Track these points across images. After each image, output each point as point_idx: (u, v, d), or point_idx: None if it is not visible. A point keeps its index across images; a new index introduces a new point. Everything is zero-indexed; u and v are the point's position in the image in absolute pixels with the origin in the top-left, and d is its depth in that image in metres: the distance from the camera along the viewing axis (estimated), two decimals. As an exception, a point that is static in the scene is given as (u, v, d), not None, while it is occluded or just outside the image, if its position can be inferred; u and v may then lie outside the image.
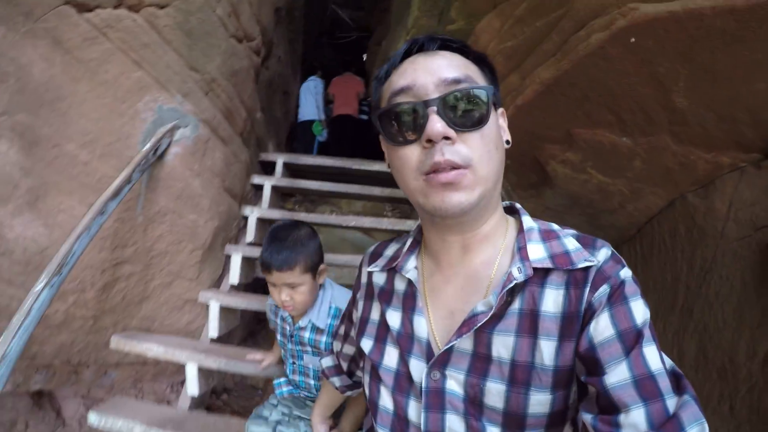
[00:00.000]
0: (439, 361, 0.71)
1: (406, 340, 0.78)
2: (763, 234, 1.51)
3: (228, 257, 2.57)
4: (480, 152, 0.66)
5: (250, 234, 2.74)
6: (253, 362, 1.96)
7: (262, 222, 2.85)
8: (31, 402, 2.60)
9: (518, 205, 0.82)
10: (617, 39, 1.55)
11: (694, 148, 1.74)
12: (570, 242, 0.70)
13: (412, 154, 0.67)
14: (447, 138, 0.64)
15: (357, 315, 0.94)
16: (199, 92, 2.28)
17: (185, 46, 2.18)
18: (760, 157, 1.65)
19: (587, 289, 0.64)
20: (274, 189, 3.07)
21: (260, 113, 3.14)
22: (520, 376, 0.65)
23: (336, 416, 1.38)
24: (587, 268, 0.65)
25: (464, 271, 0.76)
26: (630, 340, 0.58)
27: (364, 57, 7.15)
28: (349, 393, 1.19)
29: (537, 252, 0.69)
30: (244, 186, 2.92)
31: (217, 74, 2.41)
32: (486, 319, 0.67)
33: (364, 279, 0.95)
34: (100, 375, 2.47)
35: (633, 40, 1.53)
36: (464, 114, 0.66)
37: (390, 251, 0.91)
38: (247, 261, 2.59)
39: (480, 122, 0.66)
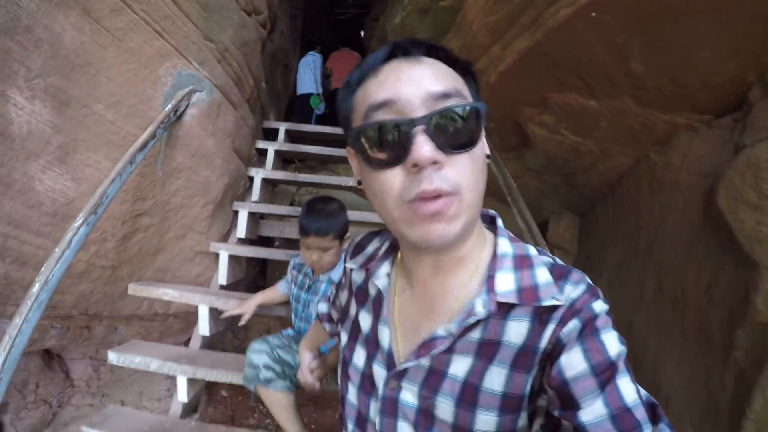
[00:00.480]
0: (397, 375, 0.73)
1: (372, 345, 0.80)
2: (707, 180, 1.83)
3: (236, 213, 2.90)
4: (469, 177, 0.62)
5: (255, 193, 3.07)
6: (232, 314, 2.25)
7: (266, 182, 3.18)
8: (41, 363, 2.83)
9: (499, 221, 0.79)
10: (581, 14, 1.87)
11: (653, 110, 2.08)
12: (541, 274, 0.68)
13: (394, 178, 0.62)
14: (435, 162, 0.60)
15: (340, 301, 0.99)
16: (214, 60, 2.58)
17: (201, 18, 2.47)
18: (711, 117, 1.97)
19: (553, 325, 0.63)
20: (277, 153, 3.41)
21: (264, 83, 3.43)
22: (468, 397, 0.67)
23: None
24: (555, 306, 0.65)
25: (434, 290, 0.74)
26: (604, 374, 0.58)
27: (362, 33, 7.48)
28: (335, 339, 1.27)
29: (505, 283, 0.67)
30: (250, 149, 3.24)
31: (230, 44, 2.71)
32: (444, 347, 0.68)
33: (347, 271, 0.96)
34: (111, 332, 2.73)
35: (594, 14, 1.85)
36: (454, 135, 0.61)
37: (371, 248, 0.91)
38: (252, 217, 2.92)
39: (471, 144, 0.62)
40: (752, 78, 1.77)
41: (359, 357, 0.82)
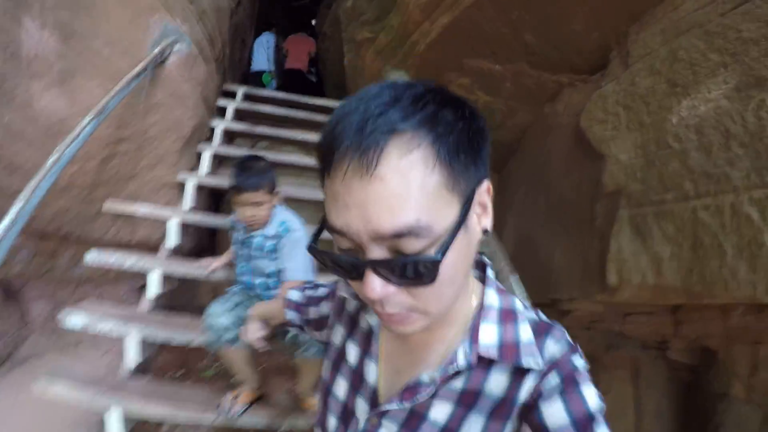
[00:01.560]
0: (379, 413, 0.78)
1: (357, 379, 0.85)
2: (577, 118, 2.57)
3: (200, 154, 3.56)
4: (429, 299, 0.63)
5: (216, 140, 3.75)
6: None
7: (226, 133, 3.88)
8: (0, 299, 3.14)
9: (489, 270, 0.82)
10: (484, -5, 2.74)
11: (543, 72, 2.92)
12: (524, 331, 0.72)
13: (356, 285, 0.65)
14: (391, 294, 0.62)
15: (321, 316, 1.05)
16: (193, 19, 3.27)
17: (186, -19, 3.21)
18: (586, 76, 2.79)
19: (533, 381, 0.68)
20: (236, 111, 4.16)
21: (228, 49, 4.18)
22: None
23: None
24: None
25: (417, 339, 0.79)
26: (584, 427, 0.63)
27: (313, 22, 8.41)
28: (293, 330, 1.43)
29: (488, 336, 0.71)
30: (214, 102, 3.93)
31: (207, 7, 3.42)
32: (427, 396, 0.73)
33: (339, 295, 0.99)
34: (72, 265, 3.17)
35: (494, -4, 2.72)
36: (407, 276, 0.59)
37: None
38: (214, 158, 3.60)
39: (425, 284, 0.60)
40: (612, 44, 2.54)
41: (340, 388, 0.88)
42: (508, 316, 0.75)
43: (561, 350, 0.70)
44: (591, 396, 0.66)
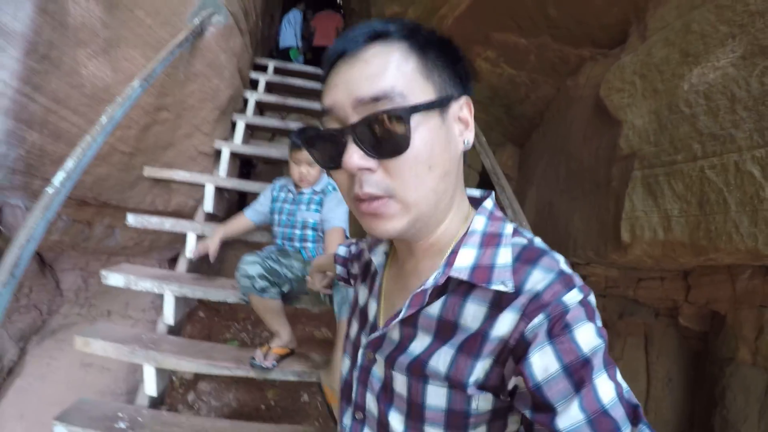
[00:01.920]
0: (372, 345, 0.83)
1: (363, 318, 0.92)
2: (597, 89, 2.73)
3: (234, 124, 3.83)
4: (403, 179, 0.67)
5: (250, 111, 4.03)
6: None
7: (258, 105, 4.15)
8: (36, 268, 3.35)
9: (487, 202, 0.83)
10: (512, -29, 2.94)
11: (565, 45, 3.10)
12: (504, 254, 0.71)
13: (341, 178, 0.71)
14: (366, 168, 0.67)
15: (353, 272, 1.16)
16: None
17: (222, -45, 3.44)
18: (606, 50, 2.96)
19: (514, 316, 0.66)
20: (267, 84, 4.43)
21: (261, 23, 4.43)
22: (416, 371, 0.74)
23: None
24: (516, 293, 0.67)
25: (408, 270, 0.84)
26: (578, 374, 0.60)
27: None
28: (340, 282, 1.49)
29: (464, 260, 0.73)
30: (247, 75, 4.17)
31: None
32: (399, 318, 0.76)
33: (360, 247, 1.11)
34: (108, 234, 3.35)
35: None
36: (382, 141, 0.66)
37: None
38: (248, 128, 3.87)
39: (399, 150, 0.66)
40: (632, 18, 2.71)
41: (353, 329, 0.94)
42: (491, 239, 0.76)
43: (548, 283, 0.66)
44: (585, 337, 0.62)
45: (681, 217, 2.08)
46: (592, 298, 0.67)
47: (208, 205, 3.32)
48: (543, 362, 0.62)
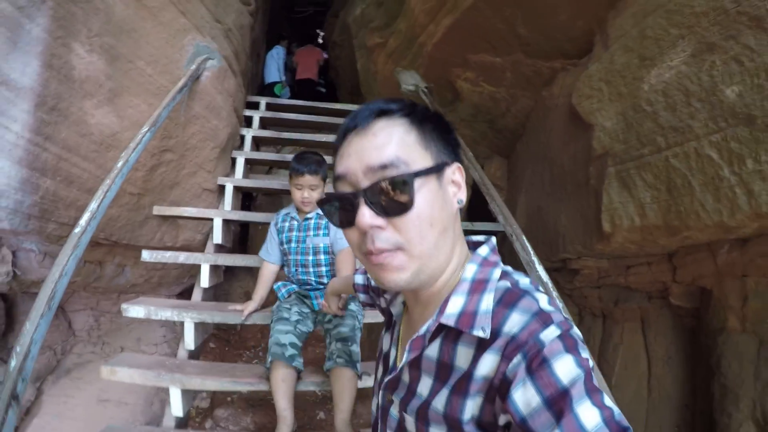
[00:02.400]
0: (388, 387, 0.93)
1: (386, 363, 1.01)
2: (570, 98, 2.95)
3: (234, 160, 4.09)
4: (410, 234, 0.76)
5: (247, 147, 4.30)
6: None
7: (254, 140, 4.44)
8: None
9: (482, 249, 0.90)
10: (481, -2, 3.20)
11: (538, 60, 3.35)
12: (486, 300, 0.78)
13: (353, 236, 0.81)
14: (377, 226, 0.76)
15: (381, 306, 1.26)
16: (221, 37, 3.77)
17: (212, 3, 3.68)
18: (575, 60, 3.21)
19: (494, 357, 0.72)
20: (261, 119, 4.73)
21: (250, 62, 4.72)
22: (421, 412, 0.82)
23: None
24: (495, 336, 0.73)
25: (416, 316, 0.93)
26: (558, 405, 0.63)
27: (318, 31, 9.13)
28: (367, 308, 1.80)
29: (453, 307, 0.80)
30: (242, 113, 4.45)
31: (232, 26, 3.94)
32: (404, 363, 0.87)
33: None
34: (118, 272, 3.53)
35: (488, -4, 3.19)
36: (390, 202, 0.76)
37: None
38: (247, 162, 4.13)
39: (404, 209, 0.75)
40: (595, 29, 2.94)
41: (379, 373, 1.04)
42: (478, 286, 0.82)
43: (524, 324, 0.71)
44: (564, 369, 0.66)
45: (653, 204, 2.32)
46: (573, 331, 0.72)
47: (218, 237, 3.53)
48: (525, 397, 0.66)
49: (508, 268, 0.87)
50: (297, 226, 2.64)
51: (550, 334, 0.69)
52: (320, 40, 9.26)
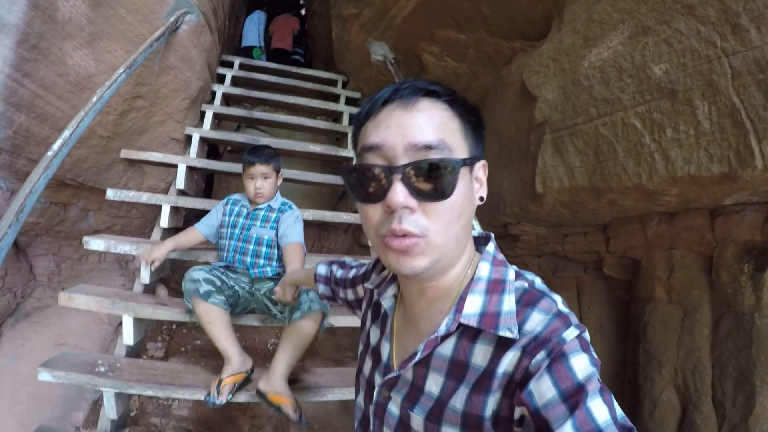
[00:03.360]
0: (387, 384, 0.91)
1: (376, 357, 1.00)
2: (524, 75, 3.18)
3: (203, 113, 4.24)
4: (439, 223, 0.75)
5: (217, 102, 4.47)
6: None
7: (225, 97, 4.60)
8: (12, 253, 3.43)
9: (489, 246, 0.91)
10: (448, -25, 3.41)
11: (500, 39, 3.54)
12: (508, 301, 0.79)
13: (374, 213, 0.78)
14: (407, 207, 0.74)
15: (361, 305, 1.22)
16: None
17: (193, -41, 3.87)
18: (534, 42, 3.38)
19: (516, 354, 0.74)
20: (233, 78, 4.90)
21: (228, 22, 4.89)
22: (436, 411, 0.81)
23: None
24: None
25: (418, 312, 0.91)
26: (573, 398, 0.66)
27: (301, 1, 9.27)
28: (324, 301, 1.68)
29: (472, 306, 0.80)
30: (215, 70, 4.59)
31: None
32: (416, 360, 0.84)
33: (367, 287, 1.16)
34: (82, 216, 3.61)
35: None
36: (429, 185, 0.73)
37: (386, 271, 1.10)
38: (214, 118, 4.30)
39: (443, 195, 0.74)
40: (553, 14, 3.12)
41: (367, 366, 1.03)
42: (496, 286, 0.82)
43: (547, 323, 0.74)
44: (580, 365, 0.69)
45: (582, 167, 2.57)
46: (586, 335, 0.75)
47: (180, 182, 3.68)
48: (541, 389, 0.69)
49: (515, 267, 0.89)
50: (245, 214, 2.66)
51: (570, 333, 0.72)
52: (302, 11, 9.38)
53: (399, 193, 0.73)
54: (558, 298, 0.80)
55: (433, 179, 0.74)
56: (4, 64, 2.44)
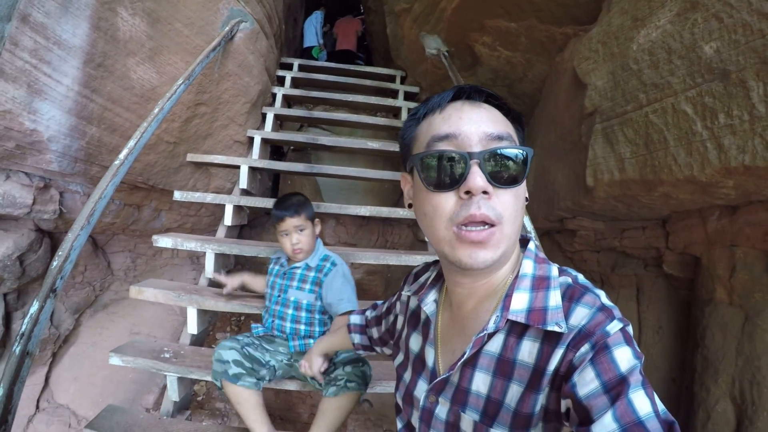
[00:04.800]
0: (435, 388, 0.91)
1: (419, 364, 1.01)
2: (575, 62, 3.06)
3: (264, 115, 4.36)
4: (511, 210, 0.79)
5: (278, 104, 4.57)
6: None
7: (285, 99, 4.71)
8: (91, 250, 3.67)
9: (531, 242, 0.94)
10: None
11: (550, 25, 3.40)
12: (554, 297, 0.81)
13: (447, 202, 0.80)
14: (485, 192, 0.77)
15: (395, 322, 1.23)
16: (254, 1, 3.98)
17: (246, -31, 3.97)
18: (586, 26, 3.23)
19: (561, 349, 0.75)
20: (293, 80, 5.00)
21: (284, 27, 5.03)
22: (491, 411, 0.81)
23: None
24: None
25: (466, 313, 0.92)
26: (615, 390, 0.67)
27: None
28: (360, 352, 1.56)
29: (519, 303, 0.82)
30: (274, 73, 4.69)
31: None
32: (465, 359, 0.84)
33: (404, 299, 1.19)
34: (154, 216, 3.79)
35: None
36: (504, 171, 0.78)
37: (423, 278, 1.12)
38: (275, 119, 4.41)
39: (516, 181, 0.79)
40: None
41: (408, 374, 1.04)
42: (541, 283, 0.85)
43: (591, 317, 0.76)
44: (623, 357, 0.70)
45: (632, 158, 2.40)
46: (629, 328, 0.77)
47: (243, 182, 3.79)
48: (585, 380, 0.71)
49: (556, 265, 0.92)
50: (282, 273, 2.43)
51: (614, 326, 0.74)
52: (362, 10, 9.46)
53: (477, 177, 0.77)
54: (601, 293, 0.81)
55: (507, 167, 0.80)
56: (73, 83, 2.61)
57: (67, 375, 3.46)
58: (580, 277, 0.87)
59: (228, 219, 3.47)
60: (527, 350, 0.81)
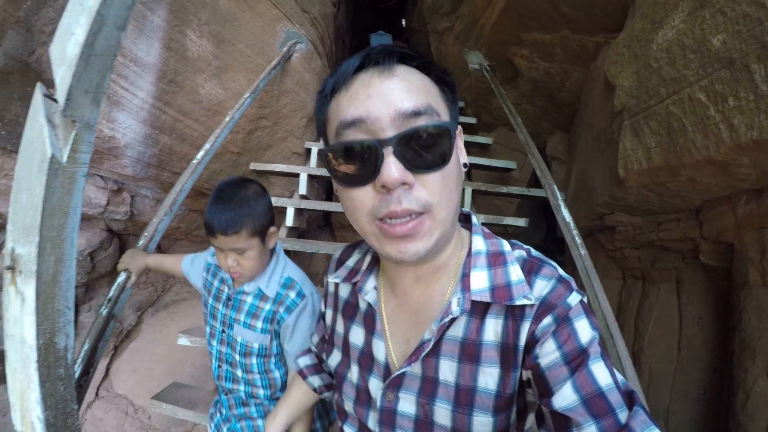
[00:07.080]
0: (393, 384, 0.85)
1: (366, 359, 0.92)
2: (605, 67, 3.28)
3: (319, 129, 4.80)
4: (440, 195, 0.70)
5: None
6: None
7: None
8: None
9: (473, 218, 0.90)
10: (528, -18, 3.59)
11: (583, 35, 3.68)
12: (514, 271, 0.78)
13: (365, 196, 0.71)
14: (404, 183, 0.68)
15: (327, 324, 1.10)
16: (308, 24, 4.40)
17: (300, -5, 4.36)
18: (616, 34, 3.45)
19: (527, 323, 0.74)
20: None
21: (334, 47, 5.48)
22: (464, 399, 0.78)
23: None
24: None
25: (417, 299, 0.87)
26: (575, 361, 0.68)
27: (403, 22, 9.77)
28: (326, 394, 1.29)
29: (479, 282, 0.79)
30: (328, 91, 5.20)
31: (317, 14, 4.58)
32: (429, 348, 0.79)
33: (330, 288, 1.08)
34: None
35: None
36: (424, 154, 0.68)
37: (351, 261, 1.04)
38: (334, 131, 4.82)
39: (442, 162, 0.69)
40: (629, 3, 3.23)
41: (353, 373, 0.95)
42: (497, 259, 0.82)
43: (551, 289, 0.75)
44: (583, 329, 0.71)
45: (657, 147, 2.64)
46: (586, 299, 0.76)
47: (302, 188, 4.12)
48: (546, 351, 0.71)
49: (504, 239, 0.89)
50: (226, 298, 1.70)
51: (574, 298, 0.75)
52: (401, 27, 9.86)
53: (394, 168, 0.68)
54: (557, 265, 0.82)
55: (428, 147, 0.70)
56: (147, 96, 2.97)
57: (127, 367, 3.70)
58: (533, 250, 0.85)
59: (289, 220, 3.82)
60: (491, 329, 0.79)
